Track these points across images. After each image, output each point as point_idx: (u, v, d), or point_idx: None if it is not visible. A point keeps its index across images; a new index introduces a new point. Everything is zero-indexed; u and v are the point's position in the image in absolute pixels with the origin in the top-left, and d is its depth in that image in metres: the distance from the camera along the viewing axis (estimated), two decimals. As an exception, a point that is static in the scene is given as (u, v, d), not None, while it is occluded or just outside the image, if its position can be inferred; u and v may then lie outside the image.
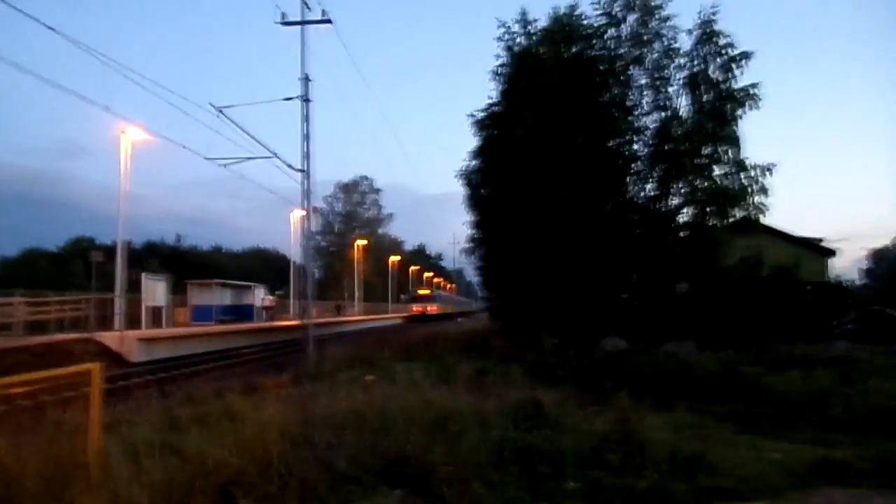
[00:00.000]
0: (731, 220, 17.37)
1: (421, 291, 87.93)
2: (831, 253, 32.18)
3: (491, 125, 21.95)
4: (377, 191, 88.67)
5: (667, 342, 17.97)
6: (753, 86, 17.41)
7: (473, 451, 5.51)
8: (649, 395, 9.72)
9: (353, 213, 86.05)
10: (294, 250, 50.80)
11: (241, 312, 35.47)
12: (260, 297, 38.61)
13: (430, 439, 5.75)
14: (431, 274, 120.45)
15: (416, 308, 79.06)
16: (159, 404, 9.50)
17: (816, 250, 31.17)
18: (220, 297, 34.52)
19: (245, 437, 5.81)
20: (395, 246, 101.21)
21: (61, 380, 5.51)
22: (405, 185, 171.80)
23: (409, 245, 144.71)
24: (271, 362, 23.36)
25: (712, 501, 5.03)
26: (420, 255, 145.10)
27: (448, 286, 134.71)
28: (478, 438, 5.83)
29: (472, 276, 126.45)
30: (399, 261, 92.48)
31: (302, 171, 23.14)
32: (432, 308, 79.75)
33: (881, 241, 75.05)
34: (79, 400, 6.34)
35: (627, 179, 19.00)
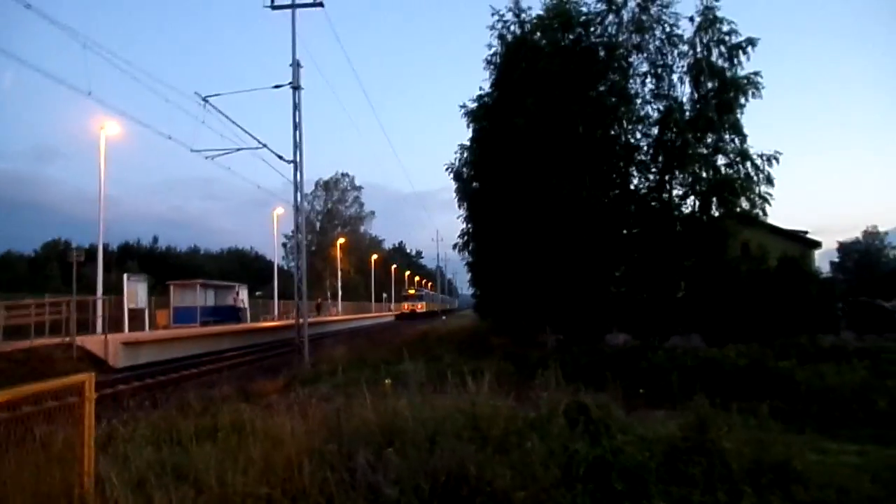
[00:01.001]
0: (738, 210, 16.84)
1: (410, 291, 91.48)
2: (817, 245, 32.05)
3: (484, 116, 21.42)
4: (358, 188, 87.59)
5: (672, 336, 17.42)
6: (756, 74, 17.02)
7: (542, 468, 4.70)
8: (675, 394, 9.07)
9: (333, 210, 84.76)
10: (276, 249, 49.81)
11: (226, 314, 34.31)
12: (243, 297, 37.38)
13: (485, 454, 4.96)
14: (409, 272, 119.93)
15: (406, 306, 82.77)
16: (154, 415, 8.64)
17: (802, 242, 30.99)
18: (203, 298, 33.30)
19: (267, 456, 4.94)
20: (376, 244, 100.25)
21: (49, 393, 4.57)
22: (384, 183, 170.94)
23: (389, 243, 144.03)
24: (262, 365, 22.62)
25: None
26: (400, 253, 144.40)
27: (428, 284, 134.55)
28: (543, 452, 5.03)
29: (452, 273, 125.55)
30: (379, 259, 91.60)
31: (292, 161, 22.20)
32: (421, 306, 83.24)
33: (849, 235, 76.35)
34: (65, 411, 5.49)
35: (629, 170, 18.47)
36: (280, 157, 22.17)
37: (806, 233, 32.57)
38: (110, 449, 6.05)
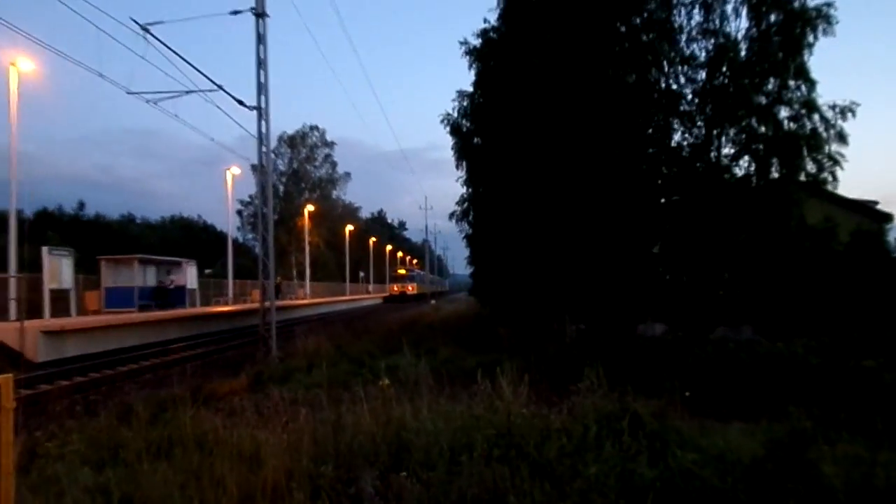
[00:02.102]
0: (802, 175, 16.60)
1: (399, 271, 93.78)
2: (888, 218, 31.93)
3: (489, 54, 21.06)
4: (330, 144, 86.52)
5: (718, 327, 17.33)
6: (828, 5, 16.66)
7: (599, 497, 4.42)
8: (742, 399, 8.91)
9: (300, 171, 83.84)
10: (230, 218, 49.28)
11: (171, 296, 33.87)
12: (192, 275, 36.92)
13: (521, 477, 4.68)
14: (391, 247, 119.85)
15: (395, 288, 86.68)
16: (89, 424, 8.32)
17: (872, 215, 30.83)
18: (143, 276, 32.81)
19: (242, 481, 4.63)
20: (351, 212, 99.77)
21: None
22: (361, 138, 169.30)
23: (367, 211, 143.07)
24: (219, 359, 22.48)
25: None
26: (379, 224, 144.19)
27: (413, 262, 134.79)
28: (598, 475, 4.76)
29: (441, 248, 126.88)
30: (355, 230, 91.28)
31: (256, 108, 21.61)
32: (412, 288, 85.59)
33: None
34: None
35: (670, 123, 18.18)
36: (240, 103, 21.58)
37: (875, 203, 32.47)
38: (34, 471, 5.72)
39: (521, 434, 5.75)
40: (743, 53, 17.14)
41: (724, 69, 17.17)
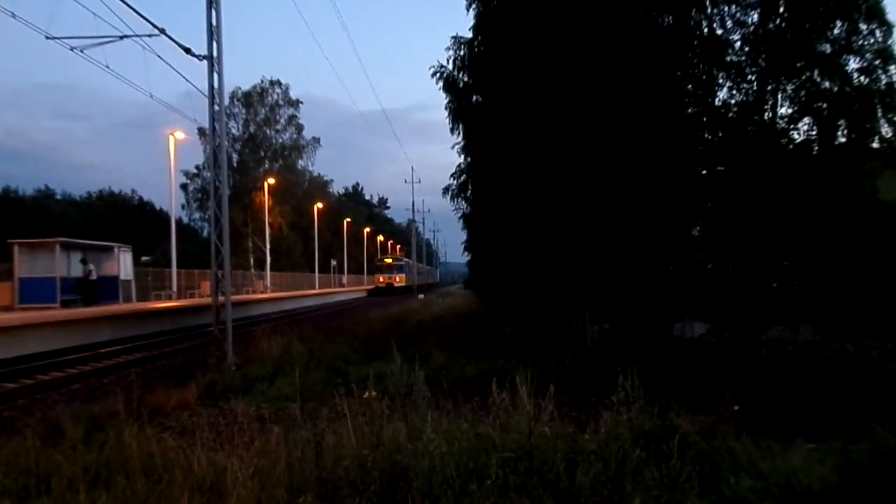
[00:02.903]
0: (875, 139, 16.69)
1: (387, 260, 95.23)
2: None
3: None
4: (294, 103, 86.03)
5: (771, 326, 17.44)
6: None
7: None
8: (805, 414, 8.96)
9: (258, 137, 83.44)
10: (173, 193, 49.01)
11: (102, 290, 33.71)
12: (126, 264, 36.76)
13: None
14: (369, 229, 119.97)
15: (381, 279, 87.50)
16: (6, 446, 8.27)
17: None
18: (66, 265, 32.60)
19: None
20: (320, 187, 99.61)
21: None
22: (333, 97, 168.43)
23: (340, 185, 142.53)
24: (163, 366, 22.54)
25: None
26: (355, 201, 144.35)
27: (397, 248, 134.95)
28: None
29: (430, 229, 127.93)
30: (325, 209, 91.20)
31: (205, 57, 21.42)
32: (400, 279, 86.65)
33: None
34: None
35: (713, 76, 18.22)
36: (186, 51, 21.35)
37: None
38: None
39: (543, 458, 5.76)
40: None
41: (781, 10, 17.21)
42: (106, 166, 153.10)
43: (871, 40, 16.85)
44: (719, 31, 18.30)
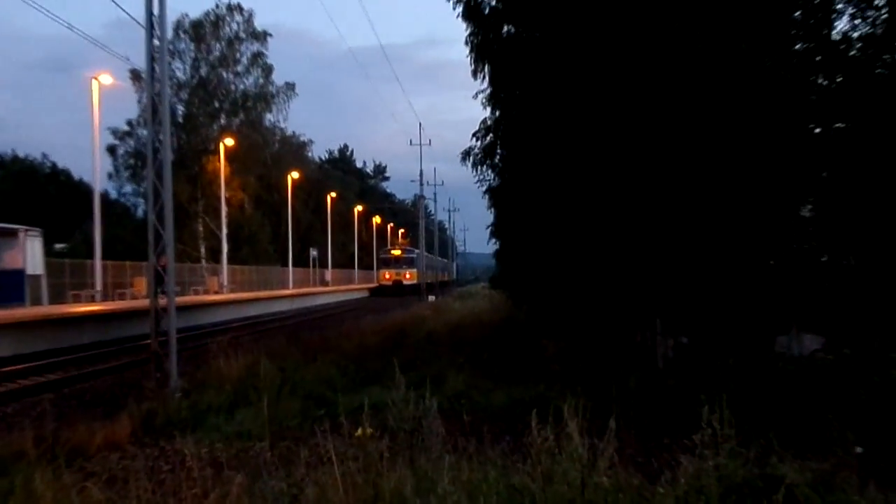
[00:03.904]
0: None
1: (394, 252, 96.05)
2: None
3: None
4: (261, 37, 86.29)
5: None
6: None
7: None
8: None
9: (211, 82, 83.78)
10: (96, 158, 49.25)
11: (3, 287, 34.01)
12: (35, 253, 37.00)
13: None
14: (361, 208, 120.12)
15: (387, 275, 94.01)
16: None
17: None
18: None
19: None
20: (296, 150, 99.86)
21: None
22: (312, 30, 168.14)
23: (322, 149, 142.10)
24: (85, 390, 22.72)
25: None
26: (343, 169, 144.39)
27: (399, 233, 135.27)
28: None
29: (448, 209, 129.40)
30: (302, 180, 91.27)
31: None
32: (411, 276, 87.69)
33: None
34: None
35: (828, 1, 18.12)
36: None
37: None
38: None
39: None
40: None
41: None
42: (7, 122, 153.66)
43: None
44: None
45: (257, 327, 44.00)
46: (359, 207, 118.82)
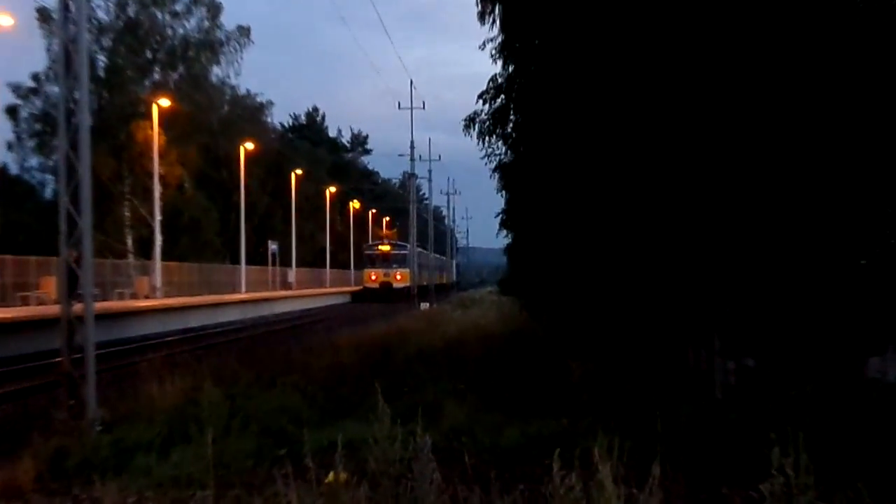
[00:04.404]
0: None
1: (381, 247, 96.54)
2: None
3: None
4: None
5: None
6: None
7: None
8: None
9: (143, 25, 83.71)
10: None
11: None
12: None
13: None
14: (334, 188, 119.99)
15: (374, 276, 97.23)
16: None
17: None
18: None
19: None
20: (251, 114, 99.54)
21: None
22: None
23: (284, 112, 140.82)
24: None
25: None
26: (312, 138, 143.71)
27: (383, 223, 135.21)
28: None
29: (447, 192, 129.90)
30: (258, 151, 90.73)
31: None
32: (402, 277, 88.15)
33: None
34: None
35: None
36: None
37: None
38: None
39: None
40: None
41: None
42: None
43: None
44: None
45: (200, 342, 43.97)
46: (332, 189, 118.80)
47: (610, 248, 19.93)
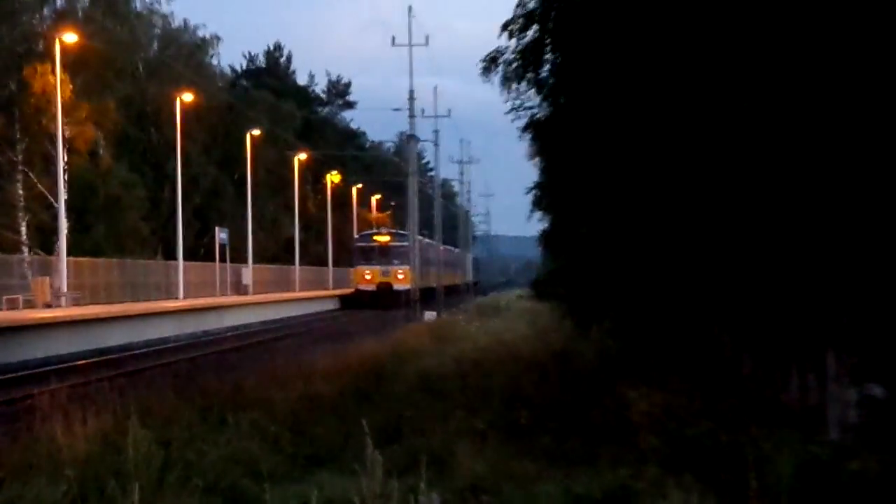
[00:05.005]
0: None
1: (378, 238, 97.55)
2: None
3: None
4: None
5: None
6: None
7: None
8: None
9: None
10: None
11: None
12: None
13: None
14: (307, 154, 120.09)
15: (367, 275, 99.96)
16: None
17: None
18: None
19: None
20: (190, 56, 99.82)
21: None
22: None
23: (237, 50, 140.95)
24: None
25: None
26: (275, 87, 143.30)
27: (372, 203, 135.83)
28: None
29: (461, 161, 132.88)
30: (201, 105, 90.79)
31: None
32: (402, 274, 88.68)
33: None
34: None
35: None
36: None
37: None
38: None
39: None
40: None
41: None
42: None
43: None
44: None
45: (123, 366, 44.05)
46: (302, 156, 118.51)
47: (695, 235, 19.86)
